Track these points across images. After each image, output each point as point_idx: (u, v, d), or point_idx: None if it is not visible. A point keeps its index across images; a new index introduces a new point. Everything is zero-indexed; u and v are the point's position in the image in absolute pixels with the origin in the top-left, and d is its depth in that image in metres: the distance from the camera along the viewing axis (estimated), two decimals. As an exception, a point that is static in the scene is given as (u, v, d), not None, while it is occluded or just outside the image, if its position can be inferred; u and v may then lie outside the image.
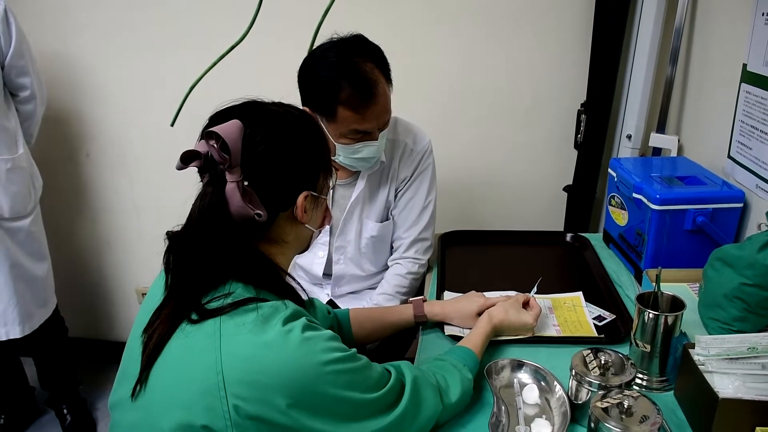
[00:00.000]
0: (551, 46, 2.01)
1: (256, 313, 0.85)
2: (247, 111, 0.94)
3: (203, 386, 0.82)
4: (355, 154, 1.45)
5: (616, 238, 1.66)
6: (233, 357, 0.82)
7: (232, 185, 0.88)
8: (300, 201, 0.96)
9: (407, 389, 0.97)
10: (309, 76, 1.40)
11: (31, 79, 1.96)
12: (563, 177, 2.12)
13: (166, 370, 0.87)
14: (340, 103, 1.35)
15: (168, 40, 2.18)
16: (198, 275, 0.89)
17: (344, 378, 0.86)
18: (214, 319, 0.85)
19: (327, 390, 0.84)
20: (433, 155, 1.64)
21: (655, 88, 1.86)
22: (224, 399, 0.81)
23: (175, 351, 0.87)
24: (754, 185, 1.40)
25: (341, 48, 1.38)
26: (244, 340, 0.83)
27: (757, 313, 1.17)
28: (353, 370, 0.88)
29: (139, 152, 2.38)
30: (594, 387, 1.02)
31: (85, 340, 2.73)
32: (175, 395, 0.84)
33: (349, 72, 1.34)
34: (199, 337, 0.85)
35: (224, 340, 0.83)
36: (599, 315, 1.38)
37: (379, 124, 1.42)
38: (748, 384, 0.98)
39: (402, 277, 1.63)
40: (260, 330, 0.83)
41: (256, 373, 0.81)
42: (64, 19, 2.21)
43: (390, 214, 1.65)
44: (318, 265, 1.70)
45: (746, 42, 1.42)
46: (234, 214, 0.89)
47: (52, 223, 2.30)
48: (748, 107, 1.43)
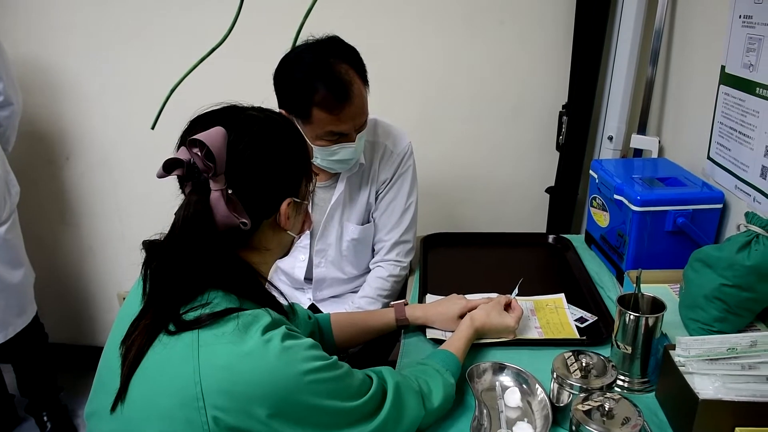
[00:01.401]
0: (533, 48, 2.02)
1: (235, 322, 0.84)
2: (228, 116, 0.92)
3: (182, 398, 0.81)
4: (332, 156, 1.44)
5: (598, 240, 1.67)
6: (212, 367, 0.81)
7: (217, 194, 0.86)
8: (284, 208, 0.95)
9: (389, 395, 0.96)
10: (284, 78, 1.39)
11: (5, 84, 1.93)
12: (545, 178, 2.13)
13: (144, 382, 0.85)
14: (314, 104, 1.34)
15: (148, 42, 2.16)
16: (178, 285, 0.88)
17: (325, 387, 0.85)
18: (193, 330, 0.84)
19: (308, 399, 0.83)
20: (414, 157, 1.64)
21: (635, 90, 1.87)
22: (203, 410, 0.80)
23: (153, 362, 0.85)
24: (733, 186, 1.41)
25: (316, 49, 1.37)
26: (223, 350, 0.82)
27: (737, 314, 1.18)
28: (334, 378, 0.87)
29: (121, 154, 2.36)
30: (575, 390, 1.02)
31: (66, 345, 2.70)
32: (154, 407, 0.83)
33: (323, 73, 1.33)
34: (178, 347, 0.83)
35: (202, 351, 0.82)
36: (581, 317, 1.38)
37: (355, 126, 1.41)
38: (728, 384, 0.99)
39: (383, 280, 1.62)
40: (239, 340, 0.82)
41: (235, 384, 0.80)
42: (41, 21, 2.18)
43: (371, 217, 1.64)
44: (299, 269, 1.69)
45: (724, 44, 1.43)
46: (219, 223, 0.87)
47: (32, 228, 2.27)
48: (726, 109, 1.44)
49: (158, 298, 0.89)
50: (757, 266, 1.13)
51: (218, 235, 0.88)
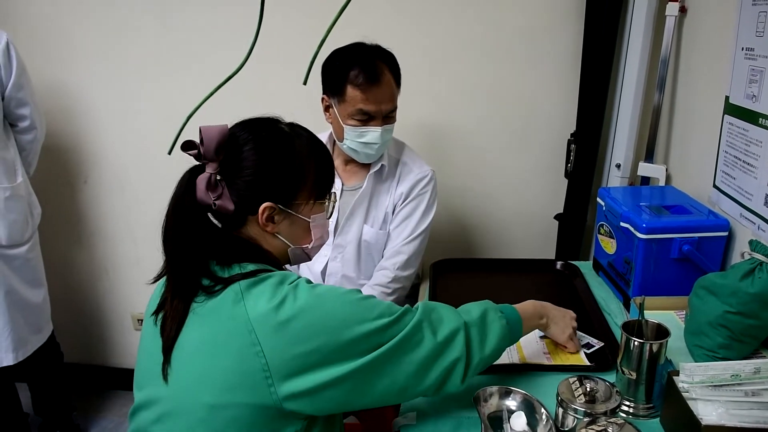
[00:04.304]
0: (542, 77, 2.05)
1: (269, 281, 0.94)
2: (256, 122, 1.06)
3: (239, 347, 0.90)
4: (360, 138, 1.60)
5: (606, 266, 1.69)
6: (259, 315, 0.91)
7: (205, 175, 0.98)
8: (261, 209, 1.02)
9: (419, 308, 1.04)
10: (329, 63, 1.62)
11: (31, 109, 2.00)
12: (554, 205, 2.15)
13: (191, 345, 0.94)
14: (348, 81, 1.56)
15: (166, 69, 2.23)
16: (186, 256, 0.98)
17: (358, 308, 0.96)
18: (233, 292, 0.93)
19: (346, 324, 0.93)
20: (436, 189, 1.76)
21: (643, 119, 1.90)
22: (261, 354, 0.89)
23: (197, 324, 0.94)
24: (738, 214, 1.43)
25: (360, 45, 1.63)
26: (265, 303, 0.91)
27: (741, 341, 1.19)
28: (363, 299, 0.98)
29: (137, 179, 2.41)
30: (580, 414, 1.03)
31: (80, 365, 2.73)
32: (209, 366, 0.91)
33: (360, 59, 1.57)
34: (223, 302, 0.94)
35: (248, 302, 0.92)
36: (588, 342, 1.40)
37: (382, 110, 1.59)
38: (731, 411, 1.00)
39: (370, 288, 1.70)
40: (276, 293, 0.93)
41: (283, 326, 0.90)
42: (63, 47, 2.26)
43: (387, 227, 1.74)
44: (320, 263, 1.77)
45: (727, 75, 1.46)
46: (198, 200, 0.99)
47: (49, 250, 2.32)
48: (731, 138, 1.46)
49: (176, 266, 0.99)
50: (760, 294, 1.14)
51: (201, 210, 1.00)
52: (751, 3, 1.37)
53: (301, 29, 1.98)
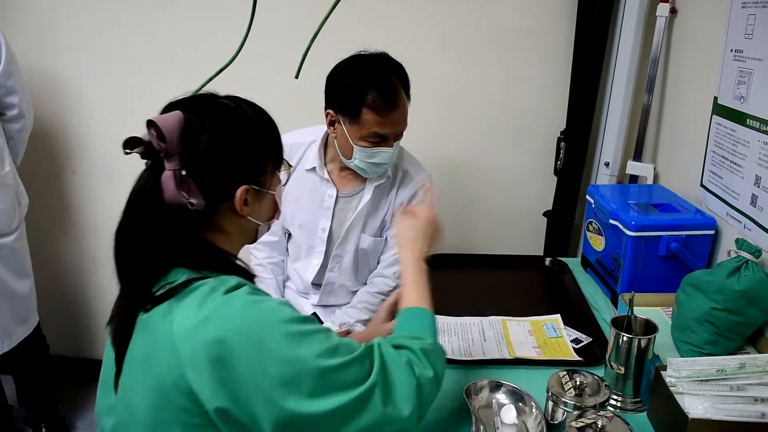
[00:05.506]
0: (533, 75, 2.07)
1: (202, 289, 0.86)
2: (197, 103, 0.95)
3: (167, 369, 0.83)
4: (370, 159, 1.53)
5: (594, 263, 1.71)
6: (184, 332, 0.83)
7: (169, 173, 0.89)
8: (239, 194, 0.95)
9: (376, 359, 0.90)
10: (337, 80, 1.52)
11: (19, 98, 1.98)
12: (543, 203, 2.17)
13: (134, 362, 0.89)
14: (365, 105, 1.46)
15: (156, 59, 2.21)
16: (141, 262, 0.91)
17: (300, 339, 0.84)
18: (165, 304, 0.86)
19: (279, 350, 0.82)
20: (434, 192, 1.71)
21: (632, 118, 1.93)
22: (185, 377, 0.82)
23: (137, 341, 0.89)
24: (724, 213, 1.46)
25: (369, 59, 1.52)
26: (191, 315, 0.83)
27: (727, 337, 1.22)
28: (309, 331, 0.85)
29: (126, 170, 2.36)
30: (569, 407, 1.05)
31: (66, 357, 2.71)
32: (144, 382, 0.86)
33: (376, 79, 1.47)
34: (153, 322, 0.87)
35: (175, 320, 0.84)
36: (576, 338, 1.42)
37: (395, 132, 1.53)
38: (717, 405, 1.02)
39: (371, 295, 1.68)
40: (204, 303, 0.84)
41: (205, 345, 0.81)
42: (53, 37, 2.23)
43: (384, 233, 1.71)
44: (311, 272, 1.74)
45: (716, 76, 1.49)
46: (168, 201, 0.90)
47: (36, 240, 2.29)
48: (718, 138, 1.49)
49: (127, 277, 0.93)
50: (746, 291, 1.17)
51: (168, 212, 0.90)
52: (741, 5, 1.39)
53: (294, 23, 1.98)
